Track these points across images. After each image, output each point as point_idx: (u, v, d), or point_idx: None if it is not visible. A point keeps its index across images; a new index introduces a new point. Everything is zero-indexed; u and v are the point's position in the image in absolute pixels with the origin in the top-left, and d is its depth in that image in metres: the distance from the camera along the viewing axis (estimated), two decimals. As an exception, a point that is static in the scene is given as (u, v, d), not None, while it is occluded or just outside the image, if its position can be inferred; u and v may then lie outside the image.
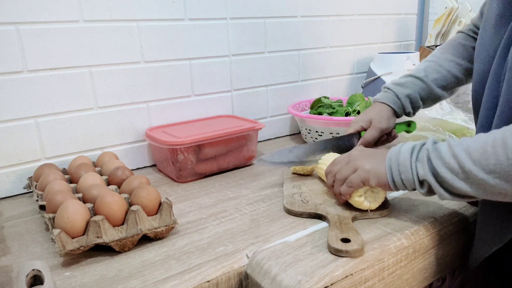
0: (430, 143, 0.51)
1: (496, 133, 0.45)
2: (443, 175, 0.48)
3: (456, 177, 0.47)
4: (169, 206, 0.59)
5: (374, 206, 0.60)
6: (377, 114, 0.74)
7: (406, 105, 0.74)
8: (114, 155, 0.81)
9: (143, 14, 0.85)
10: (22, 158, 0.77)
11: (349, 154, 0.61)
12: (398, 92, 0.74)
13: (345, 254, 0.50)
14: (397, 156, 0.53)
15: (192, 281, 0.49)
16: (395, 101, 0.74)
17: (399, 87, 0.75)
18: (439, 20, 1.31)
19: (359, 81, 1.28)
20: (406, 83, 0.75)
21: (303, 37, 1.11)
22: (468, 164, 0.46)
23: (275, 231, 0.59)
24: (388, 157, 0.55)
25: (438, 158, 0.49)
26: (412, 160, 0.52)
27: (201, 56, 0.95)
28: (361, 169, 0.57)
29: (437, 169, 0.49)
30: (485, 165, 0.44)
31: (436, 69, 0.73)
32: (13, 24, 0.72)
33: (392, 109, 0.75)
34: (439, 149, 0.49)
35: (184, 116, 0.95)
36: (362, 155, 0.59)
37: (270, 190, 0.74)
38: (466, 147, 0.46)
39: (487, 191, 0.46)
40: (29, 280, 0.45)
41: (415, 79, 0.74)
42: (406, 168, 0.52)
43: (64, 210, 0.54)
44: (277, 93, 1.10)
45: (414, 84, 0.74)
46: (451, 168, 0.47)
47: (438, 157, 0.49)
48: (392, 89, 0.75)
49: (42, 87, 0.77)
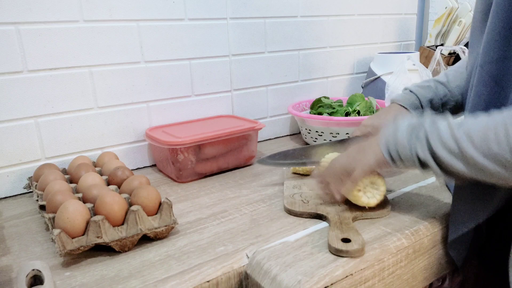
0: (428, 122, 0.50)
1: (497, 118, 0.44)
2: (443, 157, 0.47)
3: (455, 158, 0.47)
4: (169, 206, 0.59)
5: (372, 202, 0.60)
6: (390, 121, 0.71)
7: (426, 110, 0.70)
8: (114, 155, 0.81)
9: (143, 14, 0.85)
10: (22, 158, 0.77)
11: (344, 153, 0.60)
12: (421, 95, 0.70)
13: (345, 254, 0.50)
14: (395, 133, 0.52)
15: (192, 281, 0.49)
16: (415, 105, 0.70)
17: (422, 90, 0.70)
18: (439, 20, 1.31)
19: (359, 81, 1.28)
20: (430, 87, 0.70)
21: (303, 37, 1.11)
22: (469, 149, 0.45)
23: (275, 231, 0.59)
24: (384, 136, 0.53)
25: (438, 139, 0.48)
26: (412, 141, 0.50)
27: (201, 56, 0.95)
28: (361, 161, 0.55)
29: (436, 150, 0.48)
30: (486, 151, 0.44)
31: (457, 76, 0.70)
32: (13, 24, 0.72)
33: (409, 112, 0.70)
34: (439, 129, 0.48)
35: (184, 116, 0.95)
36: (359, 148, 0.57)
37: (270, 190, 0.74)
38: (467, 130, 0.46)
39: (485, 174, 0.46)
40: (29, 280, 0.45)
41: (438, 83, 0.71)
42: (405, 149, 0.51)
43: (64, 210, 0.54)
44: (277, 93, 1.10)
45: (437, 89, 0.70)
46: (451, 150, 0.47)
47: (438, 138, 0.48)
48: (415, 91, 0.71)
49: (42, 87, 0.77)
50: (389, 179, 0.76)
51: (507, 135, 0.42)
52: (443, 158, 0.47)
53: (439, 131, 0.48)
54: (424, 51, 1.34)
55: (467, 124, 0.46)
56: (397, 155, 0.52)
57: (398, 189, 0.71)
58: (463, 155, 0.46)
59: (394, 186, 0.72)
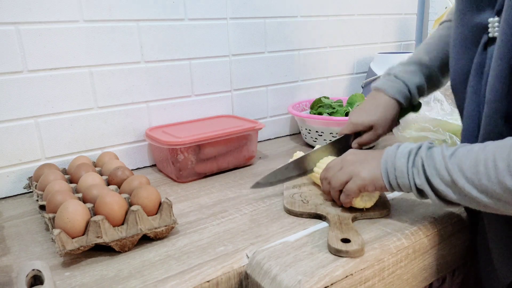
0: (424, 150, 0.51)
1: (488, 151, 0.44)
2: (437, 186, 0.49)
3: (450, 189, 0.48)
4: (169, 206, 0.59)
5: (369, 204, 0.60)
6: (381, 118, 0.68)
7: (414, 97, 0.69)
8: (114, 155, 0.81)
9: (143, 14, 0.85)
10: (22, 158, 0.77)
11: (342, 159, 0.60)
12: (409, 81, 0.68)
13: (345, 254, 0.50)
14: (393, 161, 0.53)
15: (192, 281, 0.49)
16: (404, 93, 0.68)
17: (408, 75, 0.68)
18: (439, 20, 1.31)
19: (359, 81, 1.28)
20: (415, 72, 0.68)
21: (303, 37, 1.11)
22: (461, 181, 0.46)
23: (275, 231, 0.59)
24: (384, 160, 0.54)
25: (433, 168, 0.49)
26: (409, 167, 0.51)
27: (201, 56, 0.95)
28: (357, 176, 0.56)
29: (431, 179, 0.49)
30: (478, 184, 0.44)
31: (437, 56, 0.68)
32: (13, 24, 0.72)
33: (399, 105, 0.69)
34: (434, 158, 0.49)
35: (184, 116, 0.95)
36: (356, 160, 0.57)
37: (270, 190, 0.74)
38: (459, 162, 0.46)
39: (478, 205, 0.47)
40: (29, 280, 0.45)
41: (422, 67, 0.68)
42: (403, 174, 0.52)
43: (64, 210, 0.54)
44: (277, 93, 1.10)
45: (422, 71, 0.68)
46: (445, 181, 0.48)
47: (433, 167, 0.49)
48: (401, 77, 0.68)
49: (42, 87, 0.77)
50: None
51: (496, 169, 0.42)
52: (438, 187, 0.49)
53: (434, 161, 0.49)
54: (424, 51, 1.34)
55: (459, 155, 0.47)
56: (395, 181, 0.53)
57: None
58: (456, 186, 0.47)
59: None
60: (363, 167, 0.56)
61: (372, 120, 0.70)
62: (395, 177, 0.53)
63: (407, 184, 0.52)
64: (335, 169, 0.59)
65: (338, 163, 0.60)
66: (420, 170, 0.50)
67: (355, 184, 0.56)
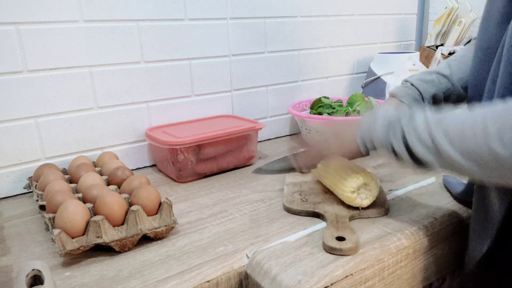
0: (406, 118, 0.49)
1: (476, 116, 0.42)
2: (416, 149, 0.47)
3: (428, 151, 0.46)
4: (169, 206, 0.59)
5: (366, 203, 0.61)
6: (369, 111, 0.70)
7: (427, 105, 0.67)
8: (114, 155, 0.81)
9: (143, 14, 0.85)
10: (22, 158, 0.77)
11: None
12: (424, 90, 0.67)
13: (339, 252, 0.51)
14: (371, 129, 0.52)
15: (192, 281, 0.49)
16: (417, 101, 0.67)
17: (424, 84, 0.67)
18: (439, 20, 1.31)
19: (359, 81, 1.28)
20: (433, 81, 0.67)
21: (303, 37, 1.11)
22: (445, 144, 0.44)
23: (275, 231, 0.59)
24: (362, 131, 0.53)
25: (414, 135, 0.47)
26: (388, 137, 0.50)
27: (201, 56, 0.95)
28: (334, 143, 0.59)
29: (411, 145, 0.47)
30: (462, 148, 0.42)
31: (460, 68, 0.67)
32: (13, 24, 0.72)
33: None
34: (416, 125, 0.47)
35: (184, 116, 0.95)
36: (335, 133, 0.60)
37: (270, 190, 0.74)
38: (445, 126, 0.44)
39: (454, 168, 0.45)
40: (29, 280, 0.45)
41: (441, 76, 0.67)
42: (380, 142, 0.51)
43: (64, 210, 0.54)
44: (277, 93, 1.10)
45: (440, 82, 0.67)
46: (425, 144, 0.46)
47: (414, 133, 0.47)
48: (417, 85, 0.67)
49: (42, 87, 0.77)
50: (389, 180, 0.76)
51: (485, 133, 0.40)
52: (417, 150, 0.47)
53: (416, 126, 0.47)
54: (424, 51, 1.34)
55: (446, 120, 0.45)
56: (373, 147, 0.52)
57: (398, 189, 0.71)
58: (436, 148, 0.45)
59: (394, 186, 0.72)
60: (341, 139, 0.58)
61: None
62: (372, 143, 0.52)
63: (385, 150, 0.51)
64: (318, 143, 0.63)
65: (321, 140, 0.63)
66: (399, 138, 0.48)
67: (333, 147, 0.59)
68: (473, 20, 1.28)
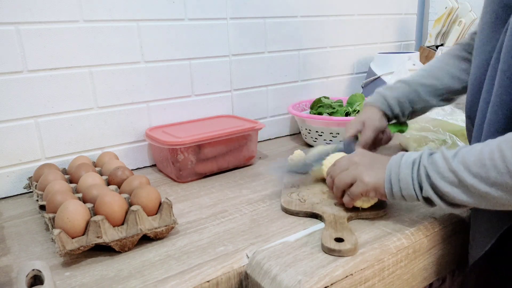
0: (425, 157, 0.51)
1: (491, 144, 0.45)
2: (443, 189, 0.48)
3: (457, 190, 0.47)
4: (169, 206, 0.59)
5: (366, 205, 0.60)
6: (368, 115, 0.76)
7: (394, 107, 0.75)
8: (114, 155, 0.81)
9: (143, 14, 0.85)
10: (22, 158, 0.77)
11: (349, 159, 0.61)
12: (387, 94, 0.76)
13: (338, 254, 0.50)
14: (397, 171, 0.53)
15: (192, 281, 0.49)
16: (383, 103, 0.76)
17: (388, 91, 0.77)
18: (439, 20, 1.31)
19: (359, 81, 1.28)
20: (394, 87, 0.77)
21: (303, 37, 1.11)
22: (468, 178, 0.46)
23: (275, 231, 0.59)
24: (388, 170, 0.54)
25: (436, 173, 0.49)
26: (413, 177, 0.51)
27: (201, 56, 0.95)
28: (360, 181, 0.56)
29: (436, 184, 0.49)
30: (485, 178, 0.44)
31: (424, 76, 0.75)
32: (13, 24, 0.72)
33: (381, 111, 0.76)
34: (436, 163, 0.49)
35: (184, 116, 0.95)
36: (362, 163, 0.58)
37: (270, 190, 0.74)
38: (462, 159, 0.47)
39: (489, 201, 0.46)
40: (29, 280, 0.45)
41: (402, 83, 0.76)
42: (408, 186, 0.52)
43: (64, 210, 0.54)
44: (277, 93, 1.10)
45: (402, 88, 0.76)
46: (451, 182, 0.48)
47: (436, 171, 0.49)
48: (381, 92, 0.77)
49: (42, 87, 0.77)
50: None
51: (504, 159, 0.43)
52: (445, 190, 0.48)
53: (437, 165, 0.49)
54: (424, 51, 1.34)
55: (461, 154, 0.47)
56: (400, 193, 0.53)
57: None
58: (463, 184, 0.46)
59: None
60: (367, 172, 0.56)
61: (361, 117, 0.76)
62: (400, 188, 0.53)
63: (413, 195, 0.52)
64: (342, 168, 0.60)
65: (345, 163, 0.60)
66: (424, 179, 0.50)
67: (358, 188, 0.57)
68: (473, 20, 1.28)
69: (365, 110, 0.78)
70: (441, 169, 0.48)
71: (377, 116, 0.75)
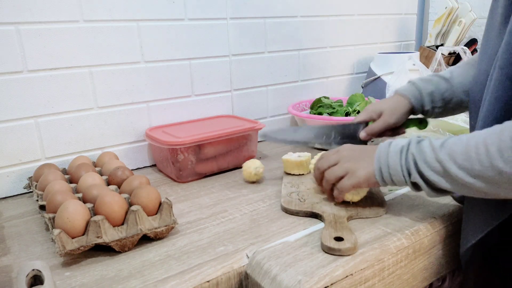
0: (414, 145, 0.52)
1: (478, 137, 0.46)
2: (430, 177, 0.51)
3: (442, 179, 0.50)
4: (169, 206, 0.59)
5: (356, 198, 0.61)
6: (391, 107, 0.72)
7: (426, 102, 0.71)
8: (114, 155, 0.81)
9: (143, 14, 0.85)
10: (22, 158, 0.77)
11: (338, 154, 0.61)
12: (422, 87, 0.72)
13: (337, 253, 0.51)
14: (386, 159, 0.54)
15: (192, 281, 0.49)
16: (416, 96, 0.72)
17: (424, 83, 0.72)
18: (439, 20, 1.31)
19: (359, 81, 1.28)
20: (432, 81, 0.73)
21: (303, 37, 1.11)
22: (453, 169, 0.48)
23: (275, 231, 0.59)
24: (377, 159, 0.55)
25: (424, 162, 0.51)
26: (402, 164, 0.53)
27: (201, 56, 0.95)
28: (352, 174, 0.57)
29: (424, 172, 0.51)
30: (470, 170, 0.46)
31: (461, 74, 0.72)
32: (13, 24, 0.72)
33: (410, 104, 0.72)
34: (424, 152, 0.51)
35: (184, 116, 0.95)
36: (352, 157, 0.59)
37: (270, 190, 0.74)
38: (449, 151, 0.48)
39: (472, 191, 0.48)
40: (29, 280, 0.45)
41: (440, 79, 0.72)
42: (397, 172, 0.53)
43: (64, 210, 0.54)
44: (277, 93, 1.10)
45: (439, 83, 0.72)
46: (437, 171, 0.50)
47: (423, 160, 0.51)
48: (416, 84, 0.73)
49: (42, 87, 0.77)
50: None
51: (488, 154, 0.44)
52: (431, 179, 0.51)
53: (424, 154, 0.51)
54: (424, 51, 1.34)
55: (449, 144, 0.49)
56: (390, 178, 0.55)
57: (398, 189, 0.71)
58: (448, 174, 0.48)
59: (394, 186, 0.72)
60: (360, 165, 0.57)
61: (382, 107, 0.73)
62: (389, 174, 0.54)
63: (402, 180, 0.54)
64: (331, 162, 0.61)
65: (334, 157, 0.61)
66: (412, 165, 0.52)
67: (350, 181, 0.58)
68: (473, 20, 1.28)
69: (394, 98, 0.73)
70: (429, 158, 0.50)
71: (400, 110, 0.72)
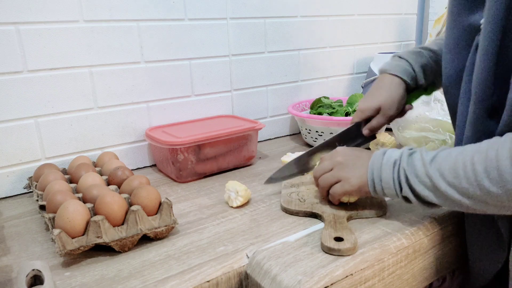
0: (405, 158, 0.52)
1: (466, 154, 0.47)
2: (421, 193, 0.51)
3: (432, 194, 0.50)
4: (169, 206, 0.59)
5: (353, 199, 0.61)
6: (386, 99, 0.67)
7: (419, 76, 0.67)
8: (114, 155, 0.81)
9: (143, 14, 0.85)
10: (22, 158, 0.77)
11: (332, 158, 0.60)
12: (413, 60, 0.66)
13: (337, 253, 0.51)
14: (379, 172, 0.55)
15: (192, 281, 0.49)
16: (408, 72, 0.66)
17: (413, 55, 0.67)
18: (439, 20, 1.31)
19: (359, 81, 1.28)
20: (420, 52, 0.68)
21: (303, 37, 1.11)
22: (442, 185, 0.48)
23: (275, 231, 0.59)
24: (371, 170, 0.56)
25: (414, 176, 0.51)
26: (394, 178, 0.53)
27: (201, 56, 0.95)
28: (345, 182, 0.58)
29: (414, 187, 0.51)
30: (458, 187, 0.47)
31: None
32: (13, 24, 0.72)
33: (404, 83, 0.67)
34: (414, 166, 0.51)
35: (184, 116, 0.95)
36: (346, 164, 0.59)
37: (270, 190, 0.74)
38: (439, 166, 0.49)
39: (461, 207, 0.49)
40: (29, 280, 0.45)
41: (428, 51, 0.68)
42: (389, 186, 0.54)
43: (64, 210, 0.54)
44: (277, 93, 1.10)
45: (429, 55, 0.68)
46: (427, 186, 0.50)
47: (414, 174, 0.51)
48: (406, 58, 0.67)
49: (42, 87, 0.77)
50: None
51: (474, 172, 0.45)
52: (422, 194, 0.51)
53: (415, 168, 0.51)
54: (424, 51, 1.34)
55: (438, 160, 0.49)
56: (382, 191, 0.55)
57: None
58: (438, 190, 0.49)
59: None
60: (353, 173, 0.57)
61: (378, 102, 0.68)
62: (382, 188, 0.55)
63: (394, 194, 0.54)
64: (325, 169, 0.61)
65: (327, 163, 0.61)
66: (403, 180, 0.52)
67: (342, 188, 0.58)
68: (473, 20, 1.28)
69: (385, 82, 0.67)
70: (419, 172, 0.50)
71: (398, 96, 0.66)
